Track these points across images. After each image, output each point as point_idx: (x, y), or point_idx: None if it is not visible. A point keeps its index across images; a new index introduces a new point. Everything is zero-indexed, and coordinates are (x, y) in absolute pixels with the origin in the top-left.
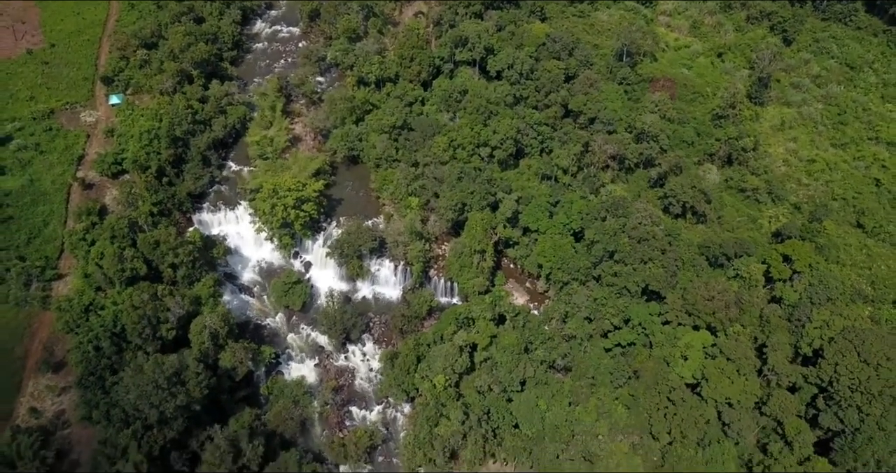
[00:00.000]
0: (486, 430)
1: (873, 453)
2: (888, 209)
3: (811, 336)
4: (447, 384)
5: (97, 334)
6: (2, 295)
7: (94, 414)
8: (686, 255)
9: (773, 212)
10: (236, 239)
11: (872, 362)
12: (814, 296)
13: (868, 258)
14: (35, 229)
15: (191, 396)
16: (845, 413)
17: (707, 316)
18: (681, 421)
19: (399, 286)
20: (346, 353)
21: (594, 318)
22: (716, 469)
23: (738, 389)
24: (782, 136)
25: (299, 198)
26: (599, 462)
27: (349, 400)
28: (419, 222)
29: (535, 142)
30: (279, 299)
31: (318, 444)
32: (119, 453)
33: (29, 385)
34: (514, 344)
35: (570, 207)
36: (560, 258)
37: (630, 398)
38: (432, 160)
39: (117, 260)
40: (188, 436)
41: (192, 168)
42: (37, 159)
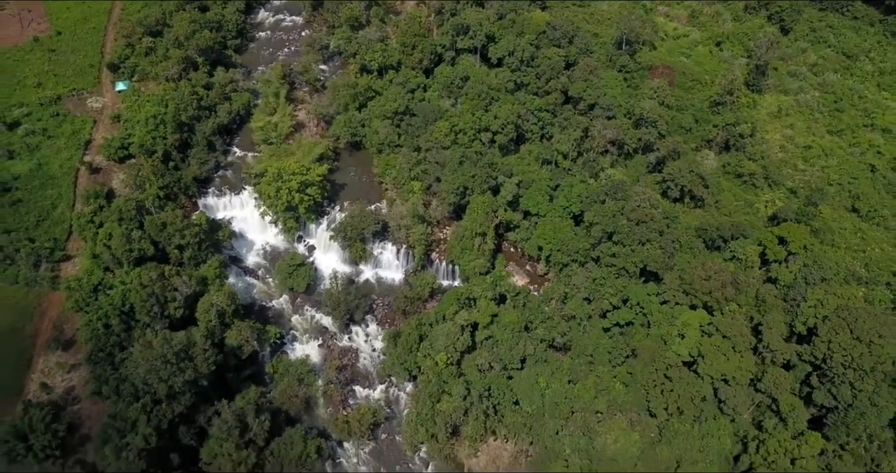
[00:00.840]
0: (486, 406)
1: (865, 427)
2: (883, 194)
3: (806, 314)
4: (449, 362)
5: (106, 312)
6: (12, 275)
7: (104, 389)
8: (684, 238)
9: (769, 197)
10: (241, 224)
11: (865, 339)
12: (808, 277)
13: (862, 241)
14: (44, 212)
15: (198, 371)
16: (838, 390)
17: (704, 295)
18: (677, 398)
19: (401, 269)
20: (350, 334)
21: (593, 299)
22: (712, 443)
23: (734, 366)
24: (779, 123)
25: (303, 181)
26: (598, 438)
27: (352, 380)
28: (421, 206)
29: (535, 128)
30: (283, 281)
31: (323, 421)
32: (129, 426)
33: (39, 362)
34: (515, 322)
35: (569, 191)
36: (560, 240)
37: (628, 376)
38: (434, 145)
39: (125, 241)
40: (195, 412)
41: (198, 153)
42: (45, 144)
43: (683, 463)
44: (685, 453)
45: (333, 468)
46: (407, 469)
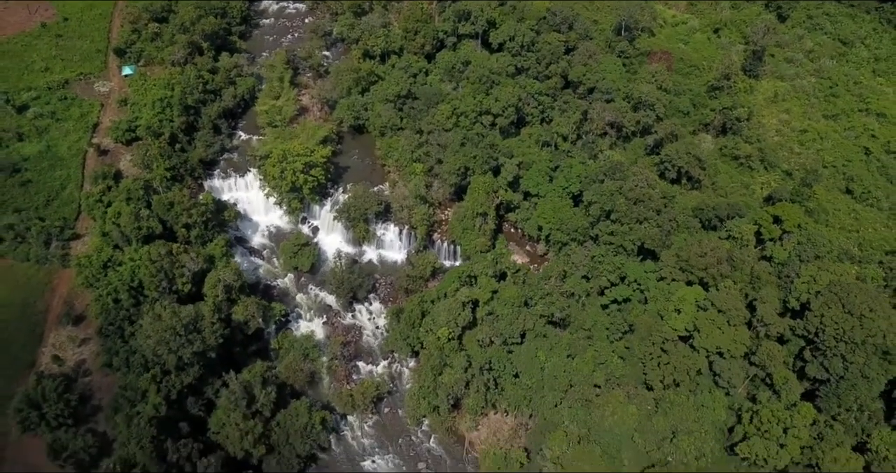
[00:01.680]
0: (487, 379)
1: (856, 398)
2: (876, 176)
3: (799, 290)
4: (450, 337)
5: (116, 287)
6: (23, 253)
7: (115, 361)
8: (681, 218)
9: (765, 179)
10: (246, 205)
11: (856, 313)
12: (802, 254)
13: (856, 221)
14: (53, 192)
15: (206, 344)
16: (830, 363)
17: (699, 271)
18: (673, 370)
19: (404, 249)
20: (353, 312)
21: (591, 276)
22: (707, 414)
23: (728, 339)
24: (775, 108)
25: (308, 163)
26: (596, 410)
27: (356, 355)
28: (423, 187)
29: (535, 111)
30: (288, 261)
31: (327, 395)
32: (139, 396)
33: (50, 336)
34: (515, 297)
35: (569, 171)
36: (559, 219)
37: (625, 350)
38: (436, 127)
39: (134, 219)
40: (203, 384)
41: (204, 136)
42: (53, 126)
43: (679, 433)
44: (680, 423)
45: (337, 440)
46: (409, 441)
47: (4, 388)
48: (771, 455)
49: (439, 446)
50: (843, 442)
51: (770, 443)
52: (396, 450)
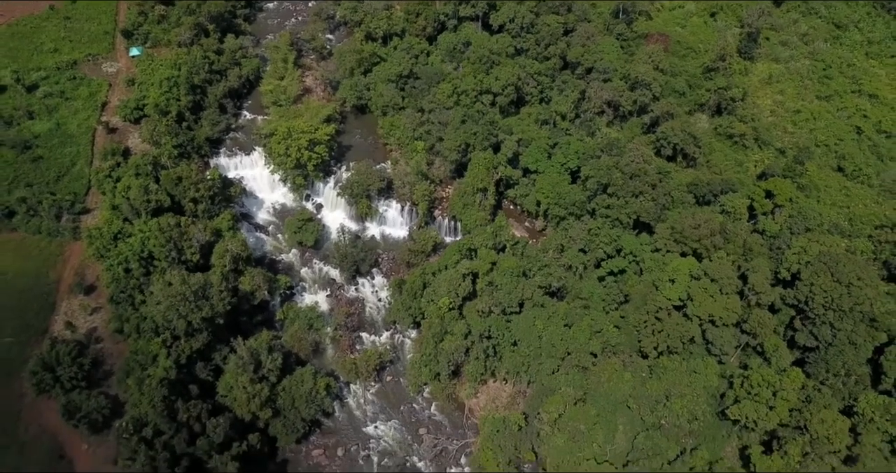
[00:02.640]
0: (487, 346)
1: (843, 363)
2: (867, 154)
3: (789, 261)
4: (451, 306)
5: (126, 257)
6: (34, 226)
7: (126, 327)
8: (675, 193)
9: (758, 157)
10: (251, 183)
11: (844, 281)
12: (793, 227)
13: (846, 197)
14: (63, 168)
15: (215, 310)
16: (819, 330)
17: (693, 242)
18: (667, 337)
19: (406, 226)
20: (356, 285)
21: (588, 249)
22: (699, 379)
23: (721, 306)
24: (770, 89)
25: (312, 140)
26: (592, 377)
27: (359, 327)
28: (425, 164)
29: (534, 91)
30: (293, 236)
31: (331, 364)
32: (150, 360)
33: (63, 305)
34: (514, 267)
35: (567, 148)
36: (557, 194)
37: (621, 320)
38: (437, 106)
39: (143, 192)
40: (212, 350)
41: (210, 114)
42: (62, 105)
43: (672, 397)
44: (673, 387)
45: (341, 406)
46: (411, 408)
47: (19, 353)
48: (760, 416)
49: (440, 413)
50: (831, 405)
51: (760, 406)
52: (398, 417)
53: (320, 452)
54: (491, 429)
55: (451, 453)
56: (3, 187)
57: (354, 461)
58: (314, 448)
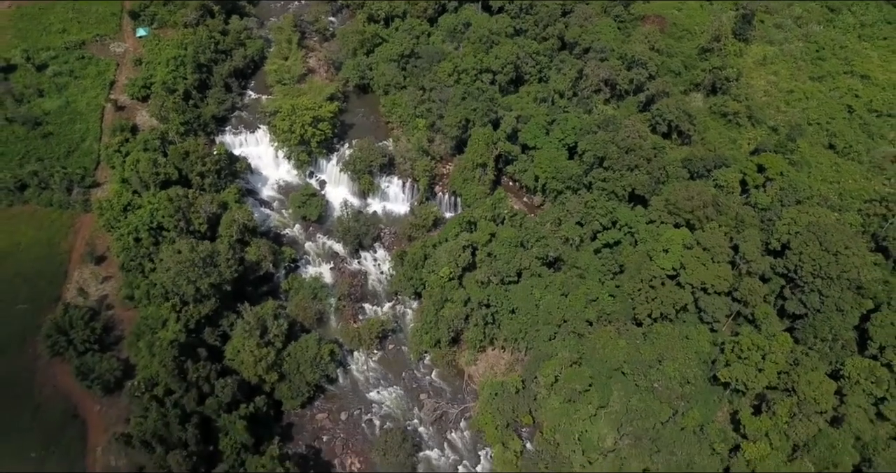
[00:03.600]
0: (485, 314)
1: (831, 329)
2: (858, 132)
3: (780, 232)
4: (451, 276)
5: (136, 227)
6: (46, 199)
7: (136, 294)
8: (670, 168)
9: (752, 135)
10: (256, 160)
11: (832, 250)
12: (784, 199)
13: (837, 173)
14: (73, 144)
15: (222, 277)
16: (807, 298)
17: (686, 214)
18: (660, 304)
19: (407, 202)
20: (359, 259)
21: (585, 222)
22: (691, 344)
23: (713, 274)
24: (764, 71)
25: (316, 117)
26: (587, 344)
27: (362, 298)
28: (426, 141)
29: (533, 71)
30: (297, 210)
31: (334, 332)
32: (160, 325)
33: (74, 274)
34: (512, 237)
35: (565, 124)
36: (555, 168)
37: (616, 289)
38: (438, 84)
39: (152, 165)
40: (219, 317)
41: (216, 93)
42: (72, 84)
43: (665, 360)
44: (666, 351)
45: (344, 373)
46: (412, 375)
47: (33, 319)
48: (750, 378)
49: (440, 379)
50: (818, 368)
51: (749, 368)
52: (400, 383)
53: (324, 416)
54: (489, 393)
55: (451, 417)
56: (14, 161)
57: (357, 425)
58: (318, 412)
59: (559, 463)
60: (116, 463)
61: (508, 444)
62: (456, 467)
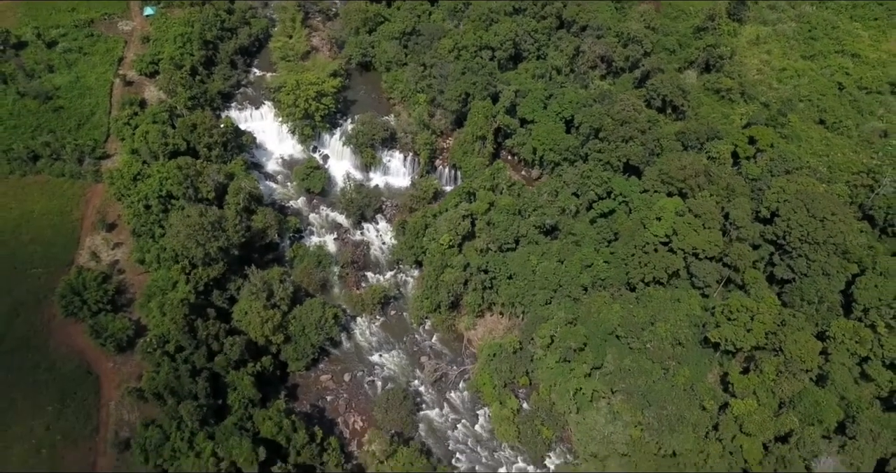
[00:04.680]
0: (484, 279)
1: (817, 291)
2: (848, 108)
3: (769, 200)
4: (451, 243)
5: (146, 195)
6: (58, 169)
7: (147, 257)
8: (664, 142)
9: (744, 110)
10: (261, 135)
11: (819, 216)
12: (773, 169)
13: (826, 147)
14: (83, 117)
15: (230, 241)
16: (795, 262)
17: (679, 183)
18: (653, 269)
19: (408, 176)
20: (362, 230)
21: (581, 193)
22: (682, 307)
23: (703, 239)
24: (757, 49)
25: (319, 91)
26: (583, 308)
27: (364, 267)
28: (426, 115)
29: (531, 48)
30: (301, 183)
31: (338, 299)
32: (170, 286)
33: (86, 241)
34: (510, 205)
35: (562, 98)
36: (552, 140)
37: (610, 255)
38: (438, 60)
39: (161, 136)
40: (227, 281)
41: (222, 69)
42: (81, 60)
43: (657, 322)
44: (658, 313)
45: (348, 337)
46: (413, 339)
47: (47, 283)
48: (738, 338)
49: (440, 343)
50: (804, 329)
51: (738, 329)
52: (401, 347)
53: (328, 377)
54: (488, 355)
55: (450, 378)
56: (27, 134)
57: (360, 385)
58: (322, 373)
59: (554, 420)
60: (129, 417)
61: (505, 403)
62: (455, 425)
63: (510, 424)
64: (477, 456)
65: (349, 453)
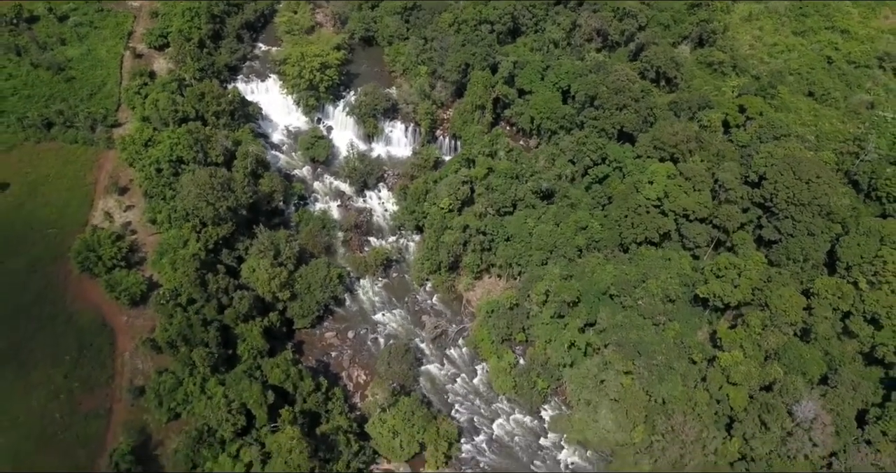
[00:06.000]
0: (482, 240)
1: (802, 249)
2: (836, 81)
3: (757, 164)
4: (451, 207)
5: (157, 159)
6: (71, 136)
7: (159, 217)
8: (658, 112)
9: (735, 83)
10: (267, 107)
11: (804, 178)
12: (762, 136)
13: (815, 118)
14: (95, 87)
15: (238, 201)
16: (782, 223)
17: (671, 148)
18: (645, 229)
19: (409, 146)
20: (365, 197)
21: (577, 160)
22: (673, 265)
23: (693, 201)
24: (749, 26)
25: (323, 63)
26: (577, 268)
27: (367, 232)
28: (427, 86)
29: (529, 22)
30: (305, 152)
31: (342, 261)
32: (181, 243)
33: (99, 203)
34: (508, 169)
35: (559, 69)
36: (549, 109)
37: (604, 218)
38: (439, 34)
39: (171, 103)
40: (235, 241)
41: (228, 43)
42: (92, 33)
43: (649, 279)
44: (650, 271)
45: (352, 298)
46: (414, 299)
47: (63, 242)
48: (726, 293)
49: (440, 303)
50: (789, 284)
51: (726, 284)
52: (403, 306)
53: (333, 334)
54: (486, 312)
55: (450, 335)
56: (41, 103)
57: (363, 342)
58: (327, 331)
59: (549, 373)
60: (143, 366)
61: (503, 357)
62: (454, 379)
63: (507, 376)
64: (475, 408)
65: (353, 404)
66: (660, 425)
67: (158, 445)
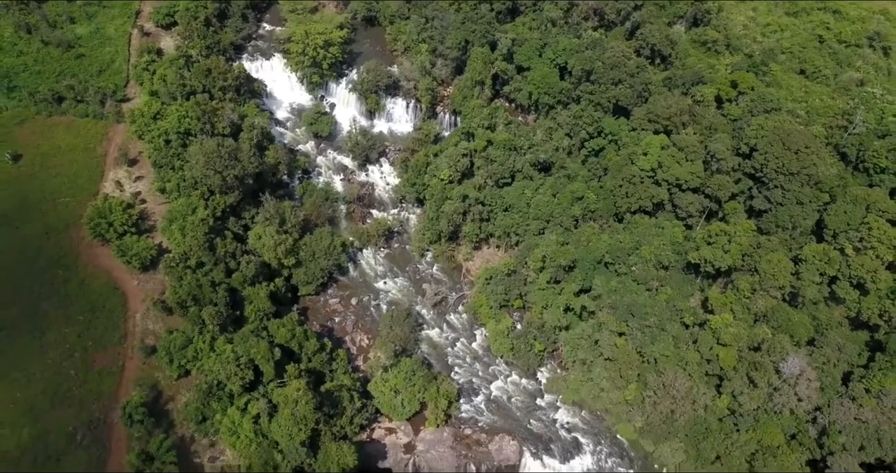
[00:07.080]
0: (481, 211)
1: (791, 217)
2: (827, 60)
3: (748, 136)
4: (451, 179)
5: (166, 131)
6: (81, 110)
7: (168, 186)
8: (653, 88)
9: (729, 61)
10: (271, 85)
11: (794, 149)
12: (754, 109)
13: (805, 94)
14: (104, 64)
15: (245, 170)
16: (771, 193)
17: (664, 121)
18: (639, 199)
19: (410, 122)
20: (367, 171)
21: (573, 134)
22: (666, 233)
23: (686, 171)
24: (743, 6)
25: (327, 41)
26: (573, 237)
27: (369, 205)
28: (428, 64)
29: (528, 2)
30: (309, 128)
31: (345, 232)
32: (190, 210)
33: (110, 174)
34: (507, 140)
35: (556, 46)
36: (547, 85)
37: (600, 189)
38: (440, 13)
39: (179, 78)
40: (242, 210)
41: (234, 22)
42: (100, 12)
43: (642, 246)
44: (643, 238)
45: (355, 267)
46: (415, 268)
47: (75, 210)
48: (717, 258)
49: (441, 272)
50: (777, 250)
51: (716, 250)
52: (404, 275)
53: (336, 301)
54: (484, 279)
55: (449, 302)
56: (52, 78)
57: (366, 308)
58: (331, 298)
59: (546, 336)
60: (154, 327)
61: (501, 321)
62: (454, 343)
63: (505, 339)
64: (474, 370)
65: (356, 367)
66: (652, 381)
67: (169, 400)
